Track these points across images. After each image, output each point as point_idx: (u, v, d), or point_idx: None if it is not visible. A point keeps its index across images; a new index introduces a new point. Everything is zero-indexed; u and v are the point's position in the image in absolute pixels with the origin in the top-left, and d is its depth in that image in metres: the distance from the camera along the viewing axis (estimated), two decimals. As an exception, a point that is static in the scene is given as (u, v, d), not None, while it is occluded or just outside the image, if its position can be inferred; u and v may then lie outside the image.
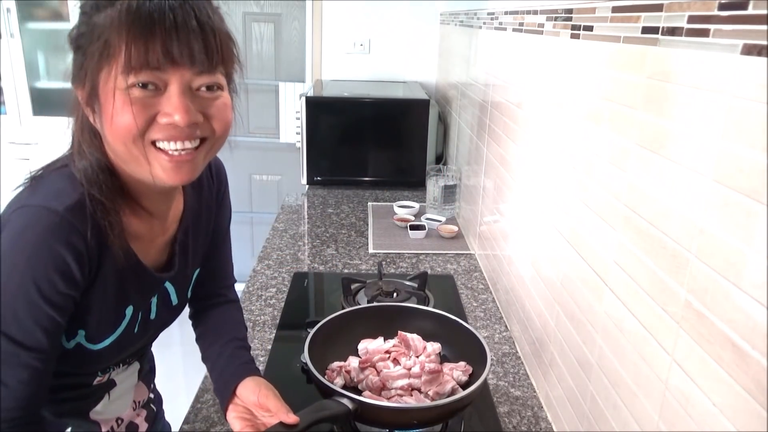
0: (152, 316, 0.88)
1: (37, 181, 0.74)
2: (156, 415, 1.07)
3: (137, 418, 0.99)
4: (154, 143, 0.70)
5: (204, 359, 1.00)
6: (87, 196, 0.71)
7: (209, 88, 0.71)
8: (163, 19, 0.65)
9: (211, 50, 0.69)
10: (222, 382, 0.93)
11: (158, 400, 1.11)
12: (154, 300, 0.87)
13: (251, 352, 1.00)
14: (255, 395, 0.88)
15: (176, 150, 0.70)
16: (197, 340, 1.03)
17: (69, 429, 0.86)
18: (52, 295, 0.68)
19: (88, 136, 0.74)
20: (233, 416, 0.88)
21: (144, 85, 0.67)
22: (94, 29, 0.67)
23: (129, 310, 0.82)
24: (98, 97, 0.69)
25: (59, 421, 0.85)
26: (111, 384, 0.91)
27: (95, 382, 0.87)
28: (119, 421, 0.94)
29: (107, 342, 0.80)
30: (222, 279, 1.06)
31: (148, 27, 0.65)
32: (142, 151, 0.70)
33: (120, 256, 0.75)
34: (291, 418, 0.80)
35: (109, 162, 0.75)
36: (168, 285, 0.89)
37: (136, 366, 0.96)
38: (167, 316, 0.92)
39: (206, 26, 0.68)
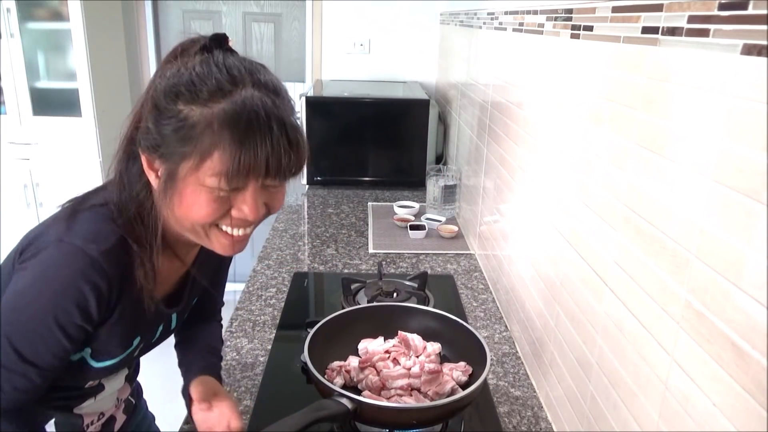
0: (153, 340, 0.92)
1: (77, 213, 0.76)
2: (134, 406, 1.09)
3: (116, 411, 1.02)
4: (217, 226, 0.76)
5: (180, 365, 1.04)
6: (122, 245, 0.74)
7: (274, 186, 0.76)
8: (264, 133, 0.68)
9: (301, 164, 0.75)
10: (185, 382, 0.99)
11: (137, 392, 1.13)
12: (160, 329, 0.91)
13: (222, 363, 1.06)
14: (199, 394, 0.94)
15: (237, 232, 0.76)
16: (176, 346, 1.07)
17: (53, 420, 0.89)
18: (68, 326, 0.72)
19: (144, 192, 0.77)
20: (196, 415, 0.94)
21: (226, 191, 0.71)
22: (188, 120, 0.69)
23: (136, 341, 0.86)
24: (175, 181, 0.71)
25: (45, 412, 0.88)
26: (100, 387, 0.94)
27: (86, 386, 0.91)
28: (101, 416, 0.97)
29: (110, 362, 0.84)
30: (215, 304, 1.12)
31: (250, 142, 0.68)
32: (207, 230, 0.76)
33: (143, 299, 0.78)
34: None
35: (159, 216, 0.77)
36: (173, 317, 0.94)
37: (125, 372, 0.99)
38: (165, 337, 0.96)
39: (300, 141, 0.73)
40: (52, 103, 2.84)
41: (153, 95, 0.72)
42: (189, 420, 0.97)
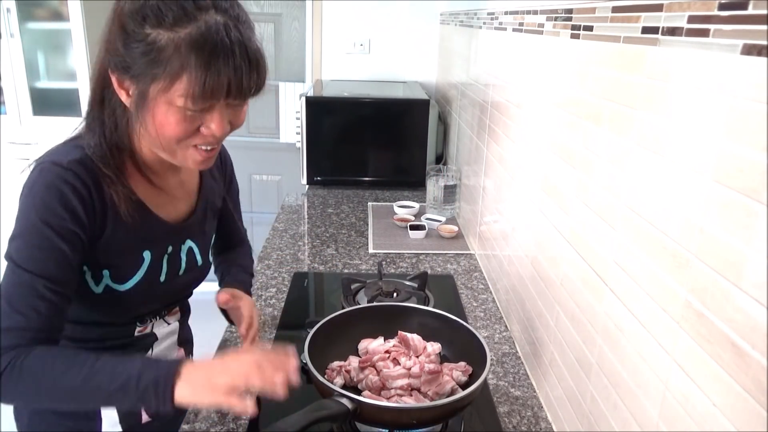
0: (181, 271, 0.99)
1: (51, 149, 0.86)
2: None
3: None
4: (191, 145, 0.83)
5: (219, 286, 1.16)
6: (88, 160, 0.82)
7: (239, 105, 0.83)
8: (227, 57, 0.74)
9: (261, 84, 0.80)
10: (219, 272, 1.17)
11: None
12: (183, 256, 0.99)
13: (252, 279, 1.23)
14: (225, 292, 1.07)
15: (208, 149, 0.84)
16: (215, 271, 1.20)
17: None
18: (60, 228, 0.79)
19: (110, 113, 0.84)
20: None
21: (195, 111, 0.78)
22: (166, 45, 0.73)
23: (147, 254, 0.92)
24: (146, 101, 0.77)
25: None
26: (152, 337, 1.00)
27: (137, 333, 0.97)
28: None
29: (132, 283, 0.90)
30: (236, 233, 1.24)
31: (214, 66, 0.73)
32: (179, 149, 0.82)
33: (125, 208, 0.85)
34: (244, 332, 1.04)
35: (129, 141, 0.86)
36: (191, 243, 1.00)
37: (175, 326, 1.06)
38: (194, 274, 1.03)
39: (260, 62, 0.78)
40: (52, 103, 2.84)
41: (120, 17, 0.76)
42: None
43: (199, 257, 1.03)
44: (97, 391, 0.74)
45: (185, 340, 1.11)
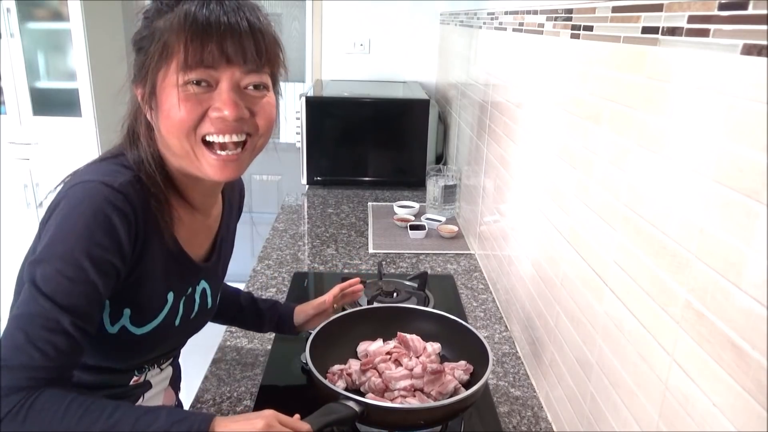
0: (193, 314, 0.92)
1: (90, 165, 0.79)
2: None
3: None
4: (204, 139, 0.76)
5: (231, 322, 1.18)
6: (139, 182, 0.77)
7: (256, 87, 0.77)
8: (218, 23, 0.72)
9: (260, 50, 0.75)
10: (275, 321, 1.15)
11: (181, 407, 1.12)
12: (197, 298, 0.92)
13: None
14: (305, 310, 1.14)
15: (223, 142, 0.76)
16: (224, 319, 1.15)
17: None
18: (101, 261, 0.71)
19: (144, 130, 0.80)
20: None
21: (198, 83, 0.73)
22: (155, 32, 0.74)
23: (170, 296, 0.85)
24: (156, 95, 0.75)
25: None
26: (147, 385, 0.94)
27: (132, 383, 0.90)
28: None
29: (151, 326, 0.83)
30: None
31: (204, 29, 0.71)
32: (193, 146, 0.76)
33: (167, 239, 0.80)
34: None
35: (161, 156, 0.81)
36: (205, 284, 0.94)
37: (169, 371, 1.00)
38: (203, 318, 0.97)
39: (256, 29, 0.74)
40: (52, 103, 2.84)
41: (141, 24, 0.77)
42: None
43: (210, 300, 0.97)
44: None
45: (175, 378, 1.05)
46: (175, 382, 1.05)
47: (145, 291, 0.80)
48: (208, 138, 0.76)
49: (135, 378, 0.90)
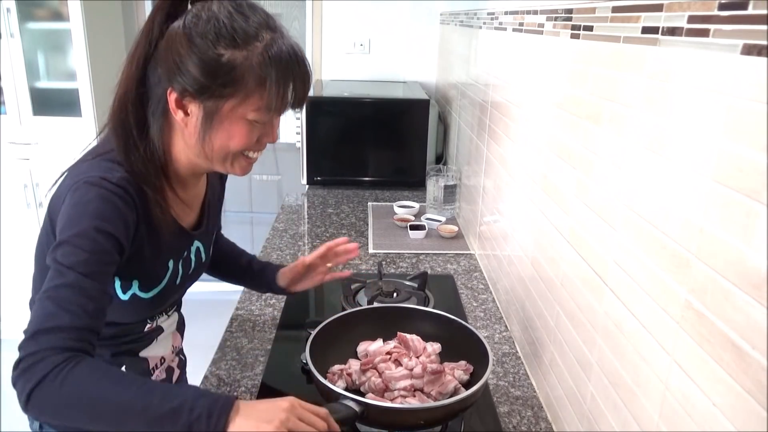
0: (190, 271, 1.04)
1: (84, 162, 0.86)
2: (184, 365, 1.21)
3: (173, 362, 1.14)
4: (244, 153, 0.89)
5: (227, 277, 1.26)
6: (132, 176, 0.84)
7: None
8: (297, 70, 0.83)
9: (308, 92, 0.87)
10: (265, 284, 1.24)
11: (185, 359, 1.23)
12: (193, 257, 1.03)
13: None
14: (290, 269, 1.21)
15: (256, 155, 0.91)
16: (213, 268, 1.20)
17: (123, 367, 1.00)
18: (110, 236, 0.79)
19: (158, 133, 0.87)
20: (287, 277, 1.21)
21: (263, 122, 0.85)
22: (235, 65, 0.80)
23: (170, 263, 0.96)
24: (215, 117, 0.83)
25: (115, 360, 0.99)
26: (159, 330, 1.05)
27: (146, 329, 1.02)
28: (162, 360, 1.09)
29: (156, 291, 0.94)
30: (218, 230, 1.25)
31: (287, 82, 0.82)
32: (233, 158, 0.88)
33: (164, 224, 0.89)
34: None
35: (165, 157, 0.89)
36: (198, 243, 1.04)
37: (175, 316, 1.11)
38: (199, 271, 1.08)
39: (311, 78, 0.86)
40: (52, 103, 2.84)
41: (188, 40, 0.80)
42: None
43: (203, 255, 1.07)
44: (146, 412, 0.70)
45: (180, 323, 1.16)
46: (180, 327, 1.16)
47: (148, 263, 0.90)
48: (249, 154, 0.89)
49: (149, 325, 1.02)
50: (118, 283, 0.89)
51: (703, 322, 0.59)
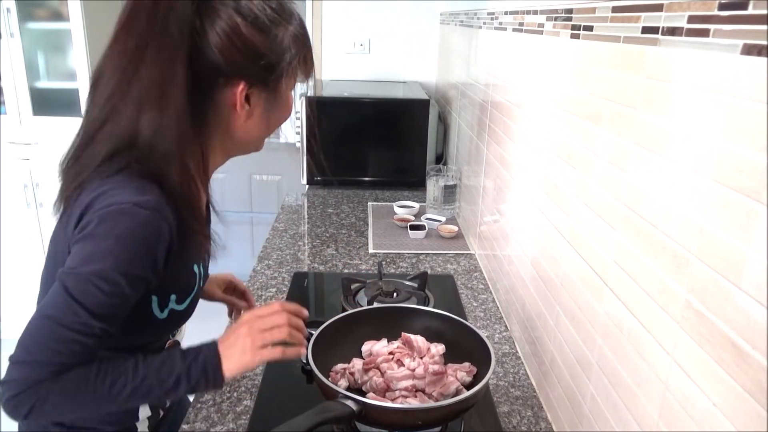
0: (208, 270, 1.03)
1: (113, 180, 0.78)
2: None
3: None
4: None
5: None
6: (164, 194, 0.79)
7: None
8: (309, 45, 0.89)
9: None
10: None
11: None
12: (206, 255, 0.98)
13: None
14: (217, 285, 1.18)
15: None
16: None
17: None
18: (135, 278, 0.76)
19: (209, 134, 0.86)
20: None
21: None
22: (283, 45, 0.83)
23: (196, 268, 0.93)
24: (277, 95, 0.87)
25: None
26: (176, 343, 1.03)
27: (166, 345, 1.00)
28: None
29: (189, 300, 0.92)
30: None
31: (309, 52, 0.89)
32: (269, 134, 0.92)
33: (197, 236, 0.85)
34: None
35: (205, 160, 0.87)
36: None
37: (185, 328, 1.08)
38: (209, 262, 1.04)
39: None
40: (52, 103, 2.84)
41: (247, 30, 0.79)
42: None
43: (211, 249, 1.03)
44: (148, 396, 0.78)
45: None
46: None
47: (182, 276, 0.89)
48: None
49: (169, 341, 1.00)
50: (155, 302, 0.85)
51: (703, 322, 0.59)
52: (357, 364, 1.04)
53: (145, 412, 0.97)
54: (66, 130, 2.85)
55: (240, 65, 0.80)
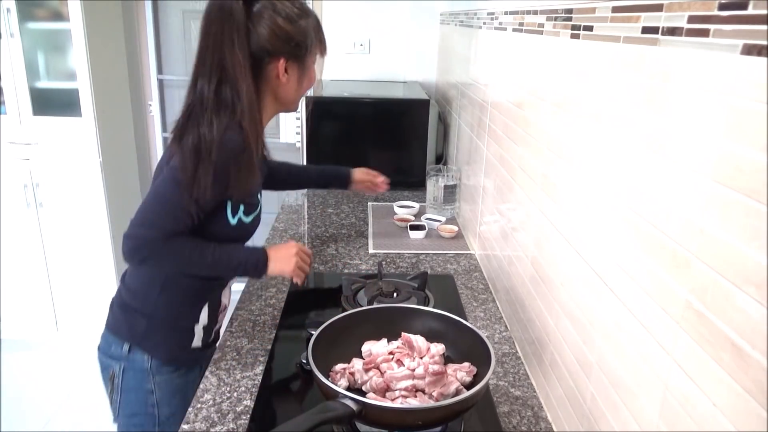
0: (258, 208, 1.30)
1: (207, 119, 1.12)
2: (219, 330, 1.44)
3: (225, 317, 1.41)
4: None
5: (301, 184, 1.86)
6: (240, 125, 1.13)
7: None
8: (322, 30, 1.27)
9: None
10: (337, 181, 1.82)
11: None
12: (260, 195, 1.31)
13: None
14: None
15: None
16: (282, 183, 1.74)
17: (207, 304, 1.28)
18: (225, 171, 1.11)
19: (264, 91, 1.23)
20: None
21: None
22: (307, 29, 1.20)
23: (259, 196, 1.29)
24: (305, 68, 1.24)
25: (204, 296, 1.27)
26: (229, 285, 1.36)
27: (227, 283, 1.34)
28: (225, 307, 1.37)
29: (253, 215, 1.25)
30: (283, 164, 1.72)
31: (323, 36, 1.27)
32: (301, 96, 1.30)
33: (258, 156, 1.18)
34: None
35: (260, 107, 1.21)
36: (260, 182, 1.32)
37: None
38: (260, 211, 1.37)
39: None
40: (52, 103, 2.84)
41: (281, 24, 1.16)
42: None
43: (261, 194, 1.35)
44: (217, 268, 1.17)
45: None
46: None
47: (249, 187, 1.18)
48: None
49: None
50: (229, 207, 1.18)
51: (703, 322, 0.59)
52: (357, 364, 1.04)
53: (202, 323, 1.28)
54: (66, 130, 2.87)
55: (280, 47, 1.17)
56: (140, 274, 1.23)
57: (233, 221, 1.20)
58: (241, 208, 1.21)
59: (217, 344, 1.31)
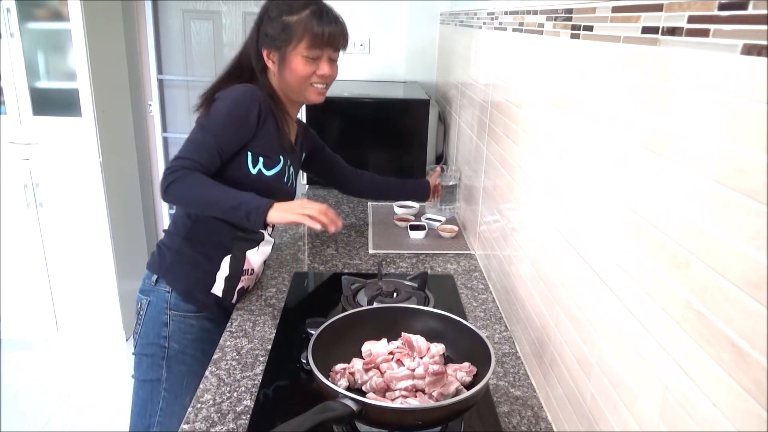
0: (290, 181, 1.48)
1: (231, 84, 1.39)
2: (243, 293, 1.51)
3: (250, 283, 1.51)
4: (311, 83, 1.42)
5: (384, 196, 2.05)
6: (261, 89, 1.38)
7: (334, 59, 1.46)
8: (329, 23, 1.40)
9: (346, 44, 1.47)
10: (419, 194, 1.97)
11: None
12: (291, 169, 1.48)
13: None
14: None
15: (322, 87, 1.45)
16: (365, 192, 1.93)
17: (229, 256, 1.41)
18: (244, 122, 1.34)
19: (264, 72, 1.43)
20: None
21: (313, 57, 1.39)
22: (288, 25, 1.36)
23: (280, 158, 1.42)
24: (285, 59, 1.38)
25: (228, 245, 1.41)
26: (265, 239, 1.49)
27: (262, 233, 1.48)
28: (251, 271, 1.47)
29: (274, 171, 1.40)
30: (343, 165, 1.87)
31: (323, 27, 1.38)
32: (305, 87, 1.43)
33: (278, 121, 1.41)
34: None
35: (274, 88, 1.44)
36: (290, 160, 1.48)
37: (271, 244, 1.53)
38: (294, 187, 1.53)
39: (345, 29, 1.46)
40: (52, 103, 2.84)
41: (268, 16, 1.38)
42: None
43: (294, 173, 1.51)
44: (224, 208, 1.26)
45: (264, 266, 1.62)
46: (263, 263, 1.56)
47: (269, 145, 1.38)
48: (315, 85, 1.43)
49: (266, 232, 1.49)
50: (250, 157, 1.35)
51: (703, 322, 0.59)
52: (357, 364, 1.04)
53: (223, 272, 1.41)
54: (66, 130, 2.87)
55: (263, 39, 1.38)
56: (175, 216, 1.44)
57: (253, 171, 1.36)
58: (261, 160, 1.37)
59: (236, 306, 1.45)
